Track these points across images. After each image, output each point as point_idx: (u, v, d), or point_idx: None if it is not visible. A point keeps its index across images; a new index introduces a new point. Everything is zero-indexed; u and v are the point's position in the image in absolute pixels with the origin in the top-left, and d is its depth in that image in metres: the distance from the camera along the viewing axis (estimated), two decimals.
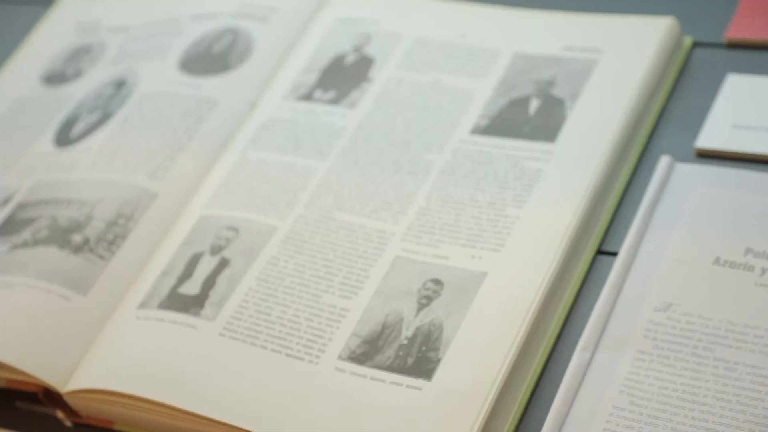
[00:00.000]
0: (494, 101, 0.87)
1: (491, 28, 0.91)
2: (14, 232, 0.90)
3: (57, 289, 0.84)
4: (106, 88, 1.00)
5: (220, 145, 0.92)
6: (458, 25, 0.92)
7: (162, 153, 0.91)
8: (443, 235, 0.80)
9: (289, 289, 0.80)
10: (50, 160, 0.95)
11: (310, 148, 0.88)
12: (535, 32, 0.89)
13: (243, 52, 0.97)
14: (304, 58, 0.95)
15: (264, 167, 0.88)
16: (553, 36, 0.89)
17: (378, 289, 0.78)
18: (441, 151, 0.85)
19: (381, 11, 0.96)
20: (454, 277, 0.77)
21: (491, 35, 0.91)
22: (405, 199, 0.83)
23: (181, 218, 0.88)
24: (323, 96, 0.92)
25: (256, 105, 0.94)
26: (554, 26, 0.89)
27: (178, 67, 0.98)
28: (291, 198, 0.85)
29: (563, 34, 0.88)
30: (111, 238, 0.87)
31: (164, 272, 0.84)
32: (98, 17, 1.08)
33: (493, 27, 0.91)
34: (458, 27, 0.92)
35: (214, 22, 1.01)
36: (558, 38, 0.88)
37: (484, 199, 0.81)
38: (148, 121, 0.94)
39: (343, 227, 0.83)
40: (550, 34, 0.89)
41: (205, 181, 0.89)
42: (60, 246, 0.87)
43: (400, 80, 0.91)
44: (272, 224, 0.84)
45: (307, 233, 0.83)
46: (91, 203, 0.89)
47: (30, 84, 1.04)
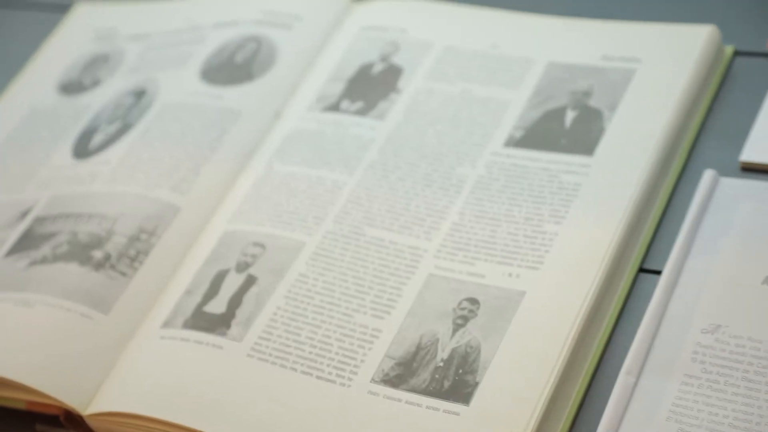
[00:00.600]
0: (528, 113, 0.84)
1: (524, 37, 0.89)
2: (33, 247, 0.87)
3: (78, 307, 0.81)
4: (126, 98, 0.97)
5: (245, 158, 0.89)
6: (489, 33, 0.90)
7: (185, 166, 0.89)
8: (478, 252, 0.77)
9: (318, 308, 0.77)
10: (68, 172, 0.93)
11: (338, 161, 0.85)
12: (570, 41, 0.87)
13: (266, 61, 0.95)
14: (329, 68, 0.93)
15: (290, 181, 0.85)
16: (589, 45, 0.86)
17: (411, 308, 0.76)
18: (474, 165, 0.82)
19: (408, 19, 0.94)
20: (490, 297, 0.74)
21: (524, 44, 0.88)
22: (437, 214, 0.80)
23: (205, 233, 0.85)
24: (350, 107, 0.89)
25: (280, 116, 0.91)
26: (590, 34, 0.86)
27: (200, 77, 0.96)
28: (319, 213, 0.83)
29: (600, 42, 0.86)
30: (133, 254, 0.84)
31: (188, 290, 0.81)
32: (115, 25, 1.06)
33: (525, 35, 0.89)
34: (489, 35, 0.90)
35: (236, 30, 0.98)
36: (594, 47, 0.85)
37: (521, 215, 0.78)
38: (169, 133, 0.92)
39: (373, 243, 0.80)
40: (585, 43, 0.86)
41: (230, 194, 0.87)
42: (80, 262, 0.84)
43: (429, 91, 0.88)
44: (300, 240, 0.81)
45: (337, 250, 0.80)
46: (112, 218, 0.87)
47: (46, 93, 1.02)
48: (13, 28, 1.10)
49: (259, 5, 0.99)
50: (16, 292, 0.83)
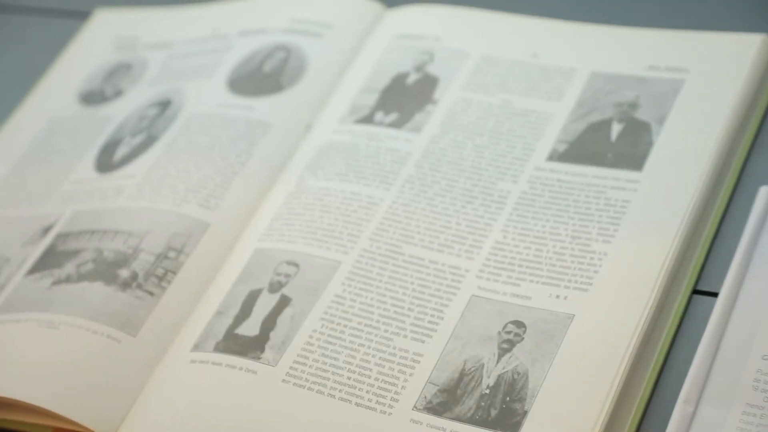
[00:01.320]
0: (571, 125, 0.81)
1: (565, 46, 0.85)
2: (56, 265, 0.84)
3: (104, 329, 0.78)
4: (150, 109, 0.94)
5: (275, 172, 0.86)
6: (528, 42, 0.87)
7: (213, 180, 0.86)
8: (523, 273, 0.74)
9: (356, 330, 0.74)
10: (92, 186, 0.90)
11: (373, 176, 0.82)
12: (615, 50, 0.83)
13: (296, 70, 0.91)
14: (361, 78, 0.89)
15: (324, 196, 0.82)
16: (634, 54, 0.82)
17: (454, 331, 0.72)
18: (516, 180, 0.79)
19: (443, 27, 0.90)
20: (537, 320, 0.71)
21: (566, 53, 0.85)
22: (479, 232, 0.77)
23: (235, 251, 0.82)
24: (385, 119, 0.86)
25: (311, 128, 0.88)
26: (635, 43, 0.83)
27: (227, 87, 0.92)
28: (354, 230, 0.79)
29: (646, 51, 0.82)
30: (161, 273, 0.81)
31: (219, 311, 0.78)
32: (137, 33, 1.03)
33: (567, 44, 0.85)
34: (529, 44, 0.86)
35: (264, 38, 0.95)
36: (640, 56, 0.82)
37: (567, 233, 0.75)
38: (196, 146, 0.88)
39: (412, 262, 0.77)
40: (630, 52, 0.83)
41: (260, 210, 0.84)
42: (106, 282, 0.81)
43: (467, 102, 0.85)
44: (335, 259, 0.78)
45: (374, 269, 0.77)
46: (138, 235, 0.83)
47: (66, 103, 0.99)
48: (31, 35, 1.07)
49: (287, 13, 0.96)
50: (40, 312, 0.80)
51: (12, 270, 0.86)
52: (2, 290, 0.84)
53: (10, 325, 0.81)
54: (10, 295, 0.83)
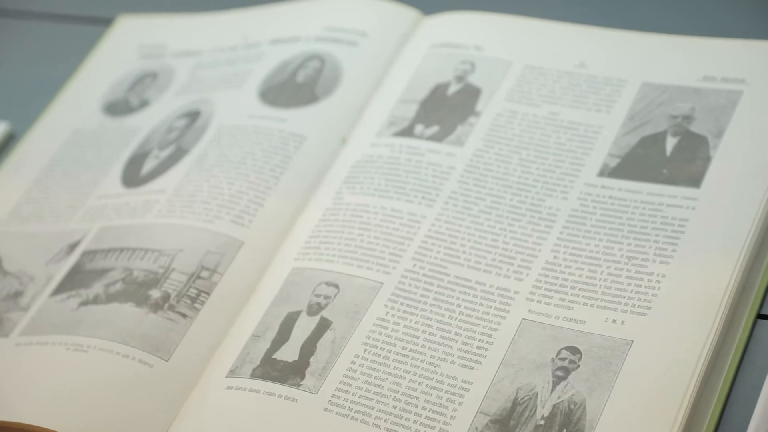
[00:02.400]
0: (623, 139, 0.77)
1: (614, 55, 0.82)
2: (83, 285, 0.81)
3: (136, 353, 0.75)
4: (178, 121, 0.91)
5: (311, 187, 0.82)
6: (575, 51, 0.83)
7: (246, 196, 0.82)
8: (576, 295, 0.70)
9: (401, 356, 0.71)
10: (119, 201, 0.86)
11: (414, 192, 0.79)
12: (667, 59, 0.80)
13: (331, 81, 0.88)
14: (399, 88, 0.86)
15: (363, 213, 0.79)
16: (688, 64, 0.79)
17: (504, 358, 0.69)
18: (566, 197, 0.75)
19: (483, 35, 0.87)
20: (593, 346, 0.68)
21: (614, 63, 0.81)
22: (528, 251, 0.73)
23: (271, 271, 0.78)
24: (425, 132, 0.82)
25: (347, 141, 0.85)
26: (688, 53, 0.79)
27: (259, 98, 0.89)
28: (396, 249, 0.76)
29: (699, 61, 0.79)
30: (194, 293, 0.78)
31: (256, 334, 0.74)
32: (163, 40, 0.99)
33: (615, 53, 0.82)
34: (575, 53, 0.83)
35: (296, 47, 0.91)
36: (694, 66, 0.78)
37: (622, 253, 0.71)
38: (228, 159, 0.85)
39: (458, 284, 0.73)
40: (684, 62, 0.79)
41: (296, 227, 0.80)
42: (137, 303, 0.78)
43: (512, 114, 0.81)
44: (377, 280, 0.75)
45: (418, 291, 0.73)
46: (169, 253, 0.80)
47: (90, 113, 0.95)
48: (52, 42, 1.04)
49: (320, 20, 0.92)
50: (67, 335, 0.77)
51: (37, 289, 0.82)
52: (27, 311, 0.81)
53: (36, 348, 0.77)
54: (36, 316, 0.80)
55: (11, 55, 1.04)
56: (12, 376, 0.76)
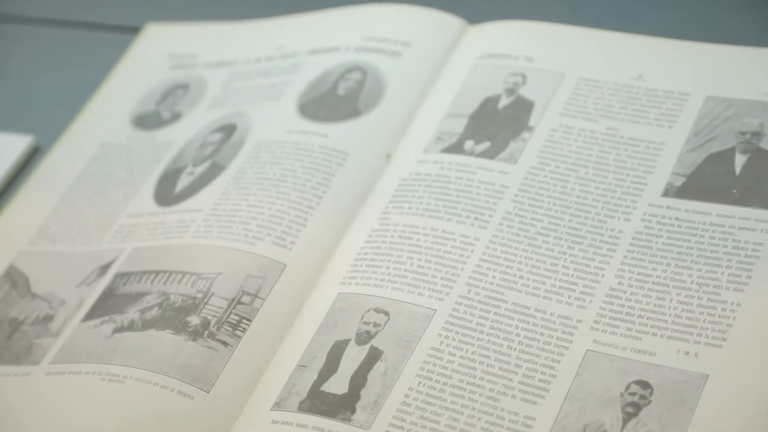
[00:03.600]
0: (687, 156, 0.73)
1: (674, 67, 0.77)
2: (117, 310, 0.77)
3: (175, 384, 0.71)
4: (213, 135, 0.87)
5: (355, 206, 0.78)
6: (633, 62, 0.79)
7: (288, 215, 0.78)
8: (645, 325, 0.66)
9: (457, 389, 0.67)
10: (152, 221, 0.82)
11: (466, 212, 0.75)
12: (731, 71, 0.76)
13: (374, 93, 0.84)
14: (445, 102, 0.82)
15: (412, 234, 0.75)
16: (755, 76, 0.74)
17: (569, 392, 0.65)
18: (629, 218, 0.71)
19: (534, 45, 0.83)
20: (665, 380, 0.64)
21: (675, 75, 0.77)
22: (590, 277, 0.69)
23: (316, 296, 0.74)
24: (476, 148, 0.78)
25: (392, 157, 0.81)
26: (756, 64, 0.75)
27: (298, 111, 0.85)
28: (449, 273, 0.72)
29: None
30: (235, 320, 0.74)
31: (301, 364, 0.70)
32: (194, 50, 0.95)
33: (676, 65, 0.78)
34: (634, 64, 0.78)
35: (336, 57, 0.87)
36: (761, 79, 0.74)
37: (692, 280, 0.67)
38: (267, 176, 0.81)
39: (516, 311, 0.69)
40: (750, 74, 0.75)
41: (341, 249, 0.76)
42: (175, 330, 0.74)
43: (567, 129, 0.77)
44: (429, 306, 0.71)
45: (474, 319, 0.70)
46: (208, 277, 0.76)
47: (119, 126, 0.91)
48: (76, 51, 1.00)
49: (360, 29, 0.88)
50: (102, 363, 0.73)
51: (68, 314, 0.78)
52: (58, 336, 0.77)
53: (69, 378, 0.74)
54: (68, 343, 0.76)
55: (34, 65, 1.00)
56: (43, 408, 0.73)
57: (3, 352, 0.78)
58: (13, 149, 0.93)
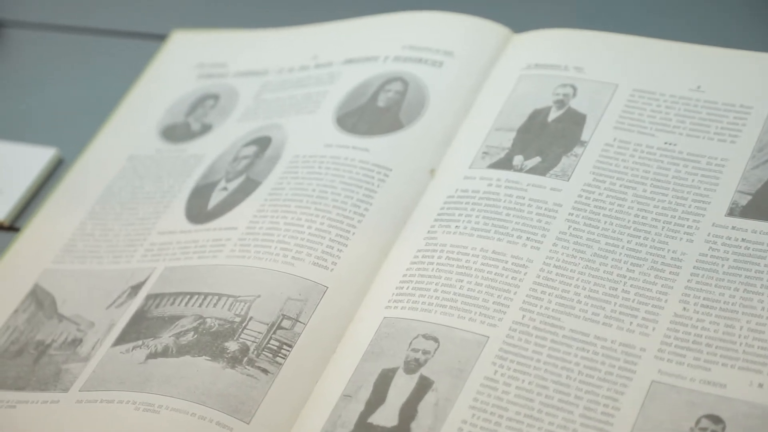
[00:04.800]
0: (752, 173, 0.69)
1: (736, 78, 0.74)
2: (150, 334, 0.73)
3: (213, 414, 0.67)
4: (247, 149, 0.83)
5: (399, 224, 0.75)
6: (690, 73, 0.75)
7: (329, 234, 0.74)
8: (713, 354, 0.63)
9: (514, 422, 0.63)
10: (185, 239, 0.79)
11: (518, 232, 0.71)
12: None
13: (416, 105, 0.80)
14: (491, 114, 0.78)
15: (461, 255, 0.71)
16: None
17: (635, 426, 0.61)
18: (691, 239, 0.68)
19: (584, 55, 0.79)
20: (738, 414, 0.60)
21: (736, 86, 0.73)
22: (652, 302, 0.66)
23: (360, 320, 0.70)
24: (525, 163, 0.75)
25: (436, 173, 0.77)
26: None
27: (335, 124, 0.81)
28: (501, 298, 0.68)
29: None
30: (275, 346, 0.70)
31: (346, 394, 0.67)
32: (223, 59, 0.91)
33: (737, 76, 0.74)
34: (691, 75, 0.75)
35: (374, 67, 0.84)
36: None
37: (763, 306, 0.63)
38: (306, 193, 0.77)
39: (574, 338, 0.65)
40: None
41: (385, 270, 0.73)
42: (212, 356, 0.70)
43: (622, 144, 0.73)
44: (482, 333, 0.67)
45: (530, 346, 0.66)
46: (246, 299, 0.73)
47: (146, 138, 0.88)
48: (100, 59, 0.96)
49: (399, 38, 0.85)
50: (136, 392, 0.69)
51: (98, 337, 0.75)
52: (87, 361, 0.73)
53: (100, 407, 0.70)
54: (98, 369, 0.73)
55: (54, 74, 0.96)
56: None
57: (30, 377, 0.74)
58: (36, 162, 0.89)
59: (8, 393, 0.74)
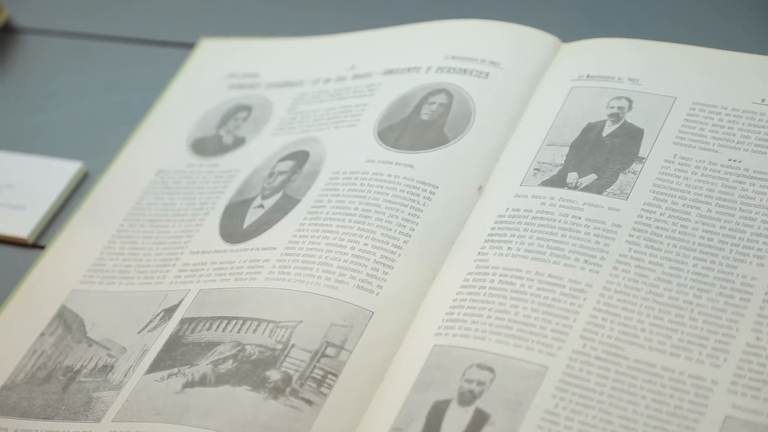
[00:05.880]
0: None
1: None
2: (186, 361, 0.70)
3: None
4: (283, 164, 0.79)
5: (447, 246, 0.71)
6: (754, 85, 0.71)
7: (373, 256, 0.70)
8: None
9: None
10: (220, 259, 0.75)
11: (575, 254, 0.67)
12: None
13: (461, 119, 0.76)
14: (542, 128, 0.74)
15: (514, 279, 0.67)
16: None
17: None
18: (762, 263, 0.64)
19: (639, 66, 0.75)
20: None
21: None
22: (723, 330, 0.62)
23: (408, 347, 0.67)
24: (580, 181, 0.71)
25: (484, 190, 0.73)
26: None
27: (377, 138, 0.78)
28: (560, 325, 0.64)
29: None
30: (319, 375, 0.66)
31: (397, 427, 0.63)
32: (255, 68, 0.88)
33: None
34: (755, 88, 0.71)
35: (416, 78, 0.80)
36: None
37: None
38: (349, 212, 0.73)
39: (640, 369, 0.62)
40: None
41: (433, 294, 0.69)
42: (253, 386, 0.66)
43: (683, 161, 0.70)
44: (540, 363, 0.63)
45: (592, 377, 0.62)
46: (287, 325, 0.69)
47: (177, 152, 0.84)
48: (125, 68, 0.92)
49: (442, 47, 0.81)
50: (174, 423, 0.66)
51: (130, 364, 0.71)
52: (120, 390, 0.70)
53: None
54: (132, 398, 0.69)
55: (79, 83, 0.92)
56: None
57: (59, 406, 0.71)
58: (61, 176, 0.85)
59: (36, 423, 0.71)
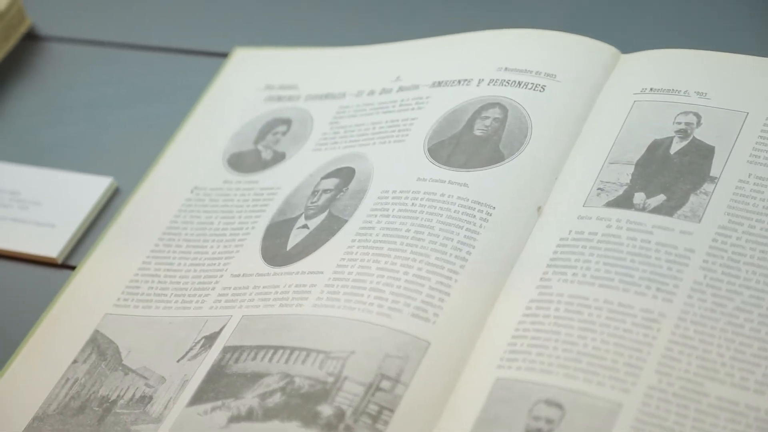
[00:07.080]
0: None
1: None
2: (231, 393, 0.65)
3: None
4: (327, 182, 0.75)
5: (505, 271, 0.67)
6: None
7: (429, 282, 0.66)
8: None
9: None
10: (263, 283, 0.71)
11: (646, 281, 0.63)
12: None
13: (517, 135, 0.72)
14: (604, 145, 0.70)
15: (581, 308, 0.63)
16: None
17: None
18: None
19: (706, 79, 0.71)
20: None
21: None
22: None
23: (468, 381, 0.63)
24: (648, 202, 0.67)
25: (543, 211, 0.69)
26: None
27: (428, 155, 0.74)
28: (633, 358, 0.60)
29: None
30: (374, 410, 0.62)
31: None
32: (294, 80, 0.84)
33: None
34: None
35: (467, 91, 0.76)
36: None
37: None
38: (400, 234, 0.69)
39: (722, 408, 0.58)
40: None
41: (493, 324, 0.65)
42: (304, 422, 0.62)
43: (759, 180, 0.65)
44: (613, 400, 0.59)
45: (670, 416, 0.58)
46: (338, 356, 0.65)
47: (213, 168, 0.80)
48: (156, 79, 0.88)
49: (493, 58, 0.77)
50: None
51: (170, 395, 0.67)
52: (160, 423, 0.66)
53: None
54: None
55: (109, 95, 0.88)
56: None
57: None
58: (91, 193, 0.82)
59: None
